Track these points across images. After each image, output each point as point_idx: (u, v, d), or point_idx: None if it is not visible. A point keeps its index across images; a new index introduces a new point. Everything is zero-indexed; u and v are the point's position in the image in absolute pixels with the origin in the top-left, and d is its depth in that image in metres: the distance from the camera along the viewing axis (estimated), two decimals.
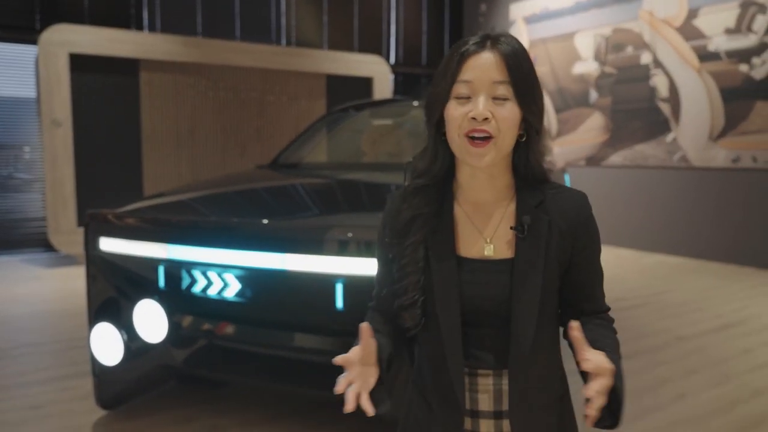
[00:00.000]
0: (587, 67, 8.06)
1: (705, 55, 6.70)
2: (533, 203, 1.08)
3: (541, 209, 1.08)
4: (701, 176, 6.81)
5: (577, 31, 8.14)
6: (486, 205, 1.11)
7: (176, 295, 2.51)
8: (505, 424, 1.10)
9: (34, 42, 6.53)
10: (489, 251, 1.08)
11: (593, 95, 8.01)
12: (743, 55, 6.36)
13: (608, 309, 1.18)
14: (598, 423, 1.02)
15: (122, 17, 7.40)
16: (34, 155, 7.14)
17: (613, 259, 6.89)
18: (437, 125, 1.08)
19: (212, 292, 2.49)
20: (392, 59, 9.55)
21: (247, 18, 8.32)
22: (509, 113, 1.02)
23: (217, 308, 2.48)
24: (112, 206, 2.71)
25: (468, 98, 1.02)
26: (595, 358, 0.96)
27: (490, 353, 1.08)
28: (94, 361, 2.65)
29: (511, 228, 1.08)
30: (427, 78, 9.71)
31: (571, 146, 8.32)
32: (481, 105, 1.00)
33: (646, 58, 7.31)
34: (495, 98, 1.02)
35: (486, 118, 1.00)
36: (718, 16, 6.55)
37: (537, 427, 1.10)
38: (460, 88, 1.02)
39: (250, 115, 7.69)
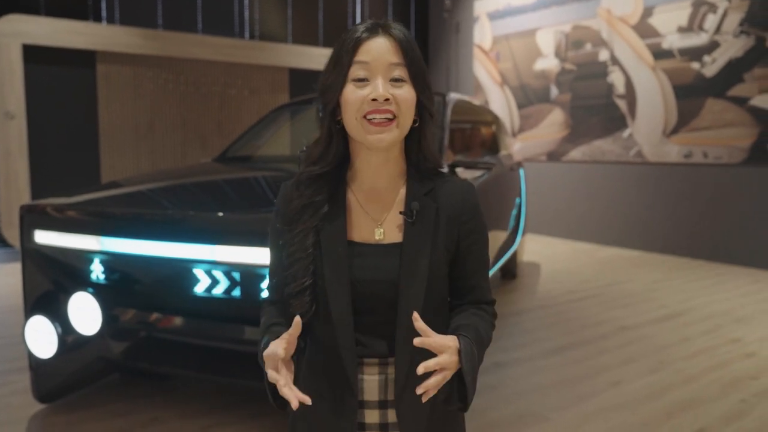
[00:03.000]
0: (548, 63, 8.18)
1: (659, 53, 6.85)
2: (423, 191, 1.11)
3: (431, 197, 1.11)
4: (656, 171, 6.98)
5: (538, 28, 8.24)
6: (378, 192, 1.13)
7: (110, 288, 2.51)
8: (391, 413, 1.11)
9: None
10: (379, 235, 1.10)
11: (554, 91, 8.13)
12: (695, 53, 6.52)
13: (492, 301, 1.18)
14: (447, 404, 1.06)
15: (79, 8, 7.26)
16: None
17: (569, 253, 7.02)
18: (332, 112, 1.09)
19: (146, 284, 2.49)
20: None
21: (210, 11, 8.24)
22: (408, 94, 1.05)
23: (151, 300, 2.48)
24: (43, 198, 2.69)
25: (365, 81, 1.04)
26: (439, 338, 0.99)
27: (382, 341, 1.09)
28: (29, 354, 2.64)
29: (400, 213, 1.10)
30: None
31: (532, 141, 8.44)
32: (380, 86, 1.03)
33: (603, 55, 7.45)
34: (392, 80, 1.04)
35: (387, 99, 1.02)
36: (672, 14, 6.70)
37: (422, 416, 1.11)
38: (357, 71, 1.04)
39: (211, 109, 7.63)
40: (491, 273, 4.22)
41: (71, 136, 6.77)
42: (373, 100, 1.02)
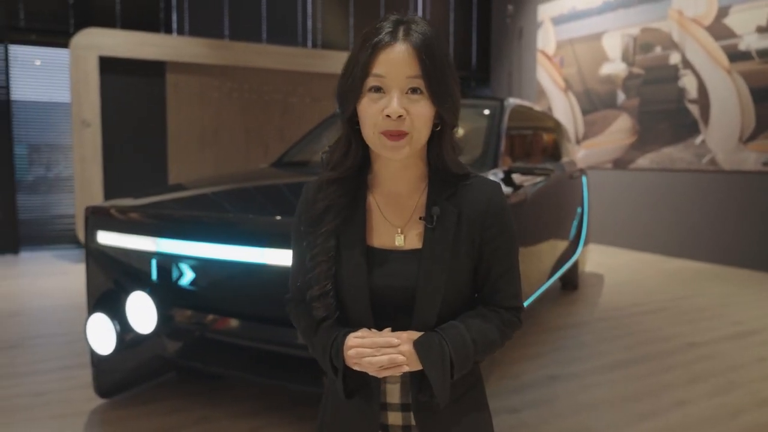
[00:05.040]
0: (615, 67, 7.90)
1: (735, 55, 6.49)
2: (444, 195, 1.08)
3: (452, 201, 1.07)
4: (731, 180, 6.59)
5: (604, 32, 7.99)
6: (399, 196, 1.10)
7: (165, 288, 2.58)
8: (413, 416, 1.10)
9: (68, 46, 6.77)
10: (400, 241, 1.08)
11: (621, 97, 7.84)
12: None
13: (516, 307, 1.12)
14: (422, 396, 1.06)
15: (152, 21, 7.61)
16: (70, 155, 7.39)
17: (634, 264, 6.73)
18: (350, 117, 1.07)
19: (200, 285, 2.54)
20: None
21: (274, 21, 8.44)
22: (423, 109, 1.01)
23: (205, 301, 2.53)
24: (107, 200, 2.80)
25: (381, 92, 1.01)
26: (394, 334, 1.03)
27: None
28: (91, 350, 2.74)
29: (420, 219, 1.07)
30: None
31: (597, 149, 8.17)
32: (395, 102, 0.99)
33: (674, 59, 7.13)
34: (410, 90, 1.01)
35: (400, 116, 0.99)
36: (750, 14, 6.33)
37: (442, 419, 1.09)
38: (373, 82, 1.01)
39: (273, 116, 7.80)
40: (548, 284, 4.08)
41: (142, 142, 7.09)
42: (387, 116, 0.99)
